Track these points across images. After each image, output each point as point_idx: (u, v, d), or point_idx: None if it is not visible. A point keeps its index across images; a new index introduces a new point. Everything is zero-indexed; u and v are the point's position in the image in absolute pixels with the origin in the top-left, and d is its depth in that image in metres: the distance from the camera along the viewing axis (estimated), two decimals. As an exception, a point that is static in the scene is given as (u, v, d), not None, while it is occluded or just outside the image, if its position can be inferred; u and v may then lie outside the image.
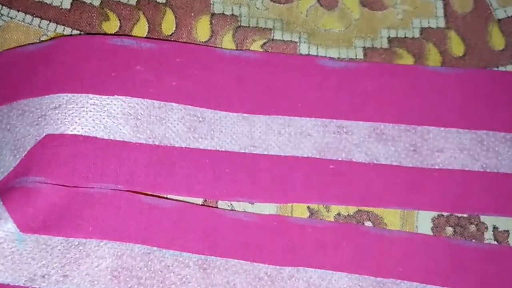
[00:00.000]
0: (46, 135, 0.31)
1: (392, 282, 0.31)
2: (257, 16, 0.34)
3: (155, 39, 0.33)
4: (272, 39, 0.34)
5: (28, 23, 0.34)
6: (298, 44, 0.34)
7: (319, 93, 0.33)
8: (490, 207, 0.32)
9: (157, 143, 0.32)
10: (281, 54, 0.33)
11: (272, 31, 0.34)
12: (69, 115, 0.31)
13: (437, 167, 0.32)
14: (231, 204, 0.32)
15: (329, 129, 0.33)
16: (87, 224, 0.30)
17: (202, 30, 0.34)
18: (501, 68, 0.34)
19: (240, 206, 0.32)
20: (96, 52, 0.32)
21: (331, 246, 0.31)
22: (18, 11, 0.34)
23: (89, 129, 0.31)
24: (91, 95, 0.31)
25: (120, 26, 0.34)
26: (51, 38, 0.33)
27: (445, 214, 0.32)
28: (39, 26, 0.34)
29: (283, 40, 0.34)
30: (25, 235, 0.30)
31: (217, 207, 0.32)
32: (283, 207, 0.32)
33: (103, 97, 0.31)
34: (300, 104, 0.33)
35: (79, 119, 0.31)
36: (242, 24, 0.34)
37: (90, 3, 0.34)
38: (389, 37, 0.34)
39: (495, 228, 0.32)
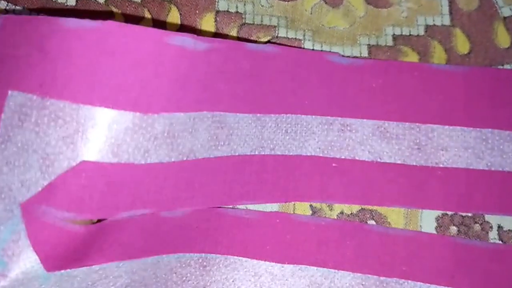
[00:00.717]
0: (81, 162, 0.27)
1: (395, 282, 0.31)
2: (261, 14, 0.34)
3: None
4: (277, 36, 0.34)
5: (33, 20, 0.34)
6: (302, 41, 0.34)
7: (325, 90, 0.33)
8: (495, 206, 0.32)
9: (184, 159, 0.29)
10: (290, 48, 0.33)
11: (277, 29, 0.34)
12: (109, 138, 0.27)
13: (441, 165, 0.32)
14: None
15: (333, 127, 0.33)
16: (110, 249, 0.29)
17: (206, 27, 0.34)
18: (507, 66, 0.33)
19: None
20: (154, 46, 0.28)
21: (334, 244, 0.31)
22: (24, 8, 0.34)
23: (127, 155, 0.27)
24: (137, 113, 0.27)
25: (125, 22, 0.34)
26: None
27: (449, 213, 0.32)
28: (44, 22, 0.34)
29: (288, 38, 0.34)
30: (50, 273, 0.27)
31: (219, 207, 0.32)
32: (285, 205, 0.32)
33: (146, 116, 0.27)
34: (307, 101, 0.33)
35: (119, 144, 0.27)
36: (246, 22, 0.34)
37: (95, 1, 0.34)
38: (393, 34, 0.34)
39: (500, 227, 0.32)
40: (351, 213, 0.32)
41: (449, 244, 0.31)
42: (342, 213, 0.32)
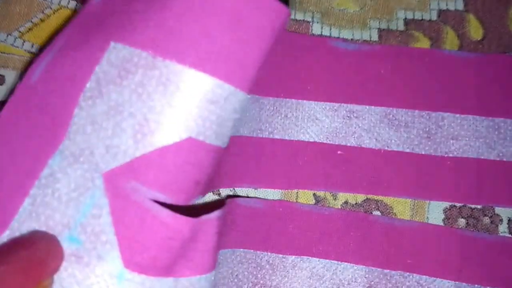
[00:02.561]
0: (188, 138, 0.23)
1: (400, 275, 0.30)
2: (268, -6, 0.33)
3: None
4: (283, 18, 0.33)
5: (31, -5, 0.33)
6: (310, 23, 0.32)
7: (330, 76, 0.32)
8: (506, 199, 0.30)
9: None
10: (293, 34, 0.32)
11: (283, 10, 0.33)
12: (219, 116, 0.24)
13: (451, 155, 0.31)
14: (234, 190, 0.31)
15: (339, 113, 0.31)
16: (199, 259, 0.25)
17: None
18: (522, 54, 0.32)
19: (243, 191, 0.31)
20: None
21: (337, 235, 0.30)
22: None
23: (223, 140, 0.25)
24: (248, 95, 0.25)
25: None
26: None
27: (458, 205, 0.31)
28: (42, -2, 0.33)
29: (296, 19, 0.32)
30: (128, 271, 0.23)
31: (219, 194, 0.31)
32: (288, 193, 0.31)
33: (249, 97, 0.26)
34: (310, 87, 0.31)
35: (222, 124, 0.25)
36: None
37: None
38: (405, 18, 0.33)
39: (510, 220, 0.30)
40: (356, 203, 0.31)
41: (456, 237, 0.30)
42: (346, 202, 0.31)
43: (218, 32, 0.23)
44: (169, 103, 0.23)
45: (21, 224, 0.23)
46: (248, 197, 0.31)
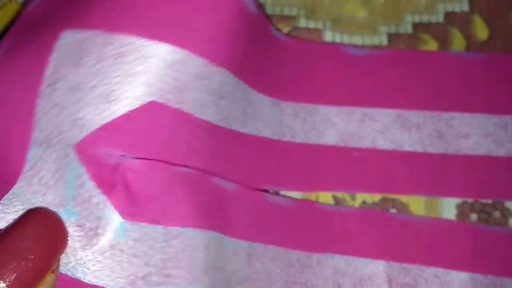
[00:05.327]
0: (150, 102, 0.24)
1: (417, 268, 0.32)
2: (281, 4, 0.34)
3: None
4: (297, 27, 0.34)
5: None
6: (322, 31, 0.34)
7: (343, 81, 0.33)
8: (515, 193, 0.32)
9: (221, 125, 0.28)
10: (306, 41, 0.33)
11: (297, 19, 0.34)
12: (177, 81, 0.25)
13: (461, 153, 0.32)
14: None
15: (353, 116, 0.33)
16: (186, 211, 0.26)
17: (226, 18, 0.34)
18: (527, 53, 0.33)
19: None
20: None
21: (357, 232, 0.32)
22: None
23: (188, 105, 0.26)
24: (206, 60, 0.26)
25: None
26: None
27: (470, 200, 0.32)
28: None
29: (308, 28, 0.34)
30: (127, 222, 0.24)
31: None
32: (308, 195, 0.33)
33: (213, 66, 0.26)
34: (325, 92, 0.33)
35: (183, 90, 0.25)
36: (267, 12, 0.34)
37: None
38: (413, 22, 0.34)
39: (519, 213, 0.32)
40: (373, 202, 0.32)
41: (469, 231, 0.32)
42: (364, 202, 0.33)
43: (165, 2, 0.25)
44: (128, 72, 0.24)
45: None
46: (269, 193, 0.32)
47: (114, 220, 0.23)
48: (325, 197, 0.33)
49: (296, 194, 0.33)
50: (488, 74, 0.33)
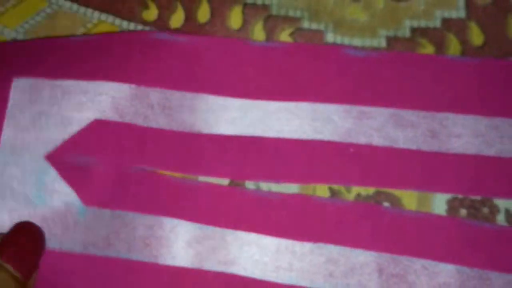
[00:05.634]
0: (94, 120, 0.34)
1: (406, 259, 0.33)
2: (286, 6, 0.36)
3: (188, 33, 0.36)
4: (300, 28, 0.36)
5: (74, 11, 0.36)
6: (324, 33, 0.36)
7: (342, 81, 0.35)
8: (503, 191, 0.34)
9: (187, 131, 0.35)
10: (307, 44, 0.35)
11: (301, 20, 0.36)
12: (112, 103, 0.34)
13: (453, 151, 0.34)
14: (258, 184, 0.34)
15: (351, 114, 0.35)
16: (129, 199, 0.34)
17: (235, 19, 0.36)
18: (519, 58, 0.35)
19: (266, 185, 0.35)
20: (138, 45, 0.35)
21: (351, 223, 0.34)
22: (65, 0, 0.36)
23: (130, 117, 0.35)
24: (132, 85, 0.35)
25: (158, 15, 0.36)
26: (95, 33, 0.37)
27: (460, 196, 0.34)
28: (84, 14, 0.36)
29: (311, 29, 0.36)
30: (87, 207, 0.34)
31: (244, 186, 0.35)
32: (306, 188, 0.34)
33: (143, 88, 0.35)
34: (324, 91, 0.35)
35: (122, 108, 0.34)
36: (272, 14, 0.36)
37: (132, -7, 0.36)
38: (411, 27, 0.36)
39: (507, 211, 0.34)
40: (367, 195, 0.34)
41: (458, 226, 0.33)
42: (359, 195, 0.34)
43: (94, 53, 0.36)
44: (74, 103, 0.34)
45: None
46: (259, 189, 0.35)
47: (76, 206, 0.33)
48: (322, 190, 0.34)
49: (293, 188, 0.34)
50: (481, 78, 0.35)
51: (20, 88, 0.35)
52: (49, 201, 0.33)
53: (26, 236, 0.31)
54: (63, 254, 0.33)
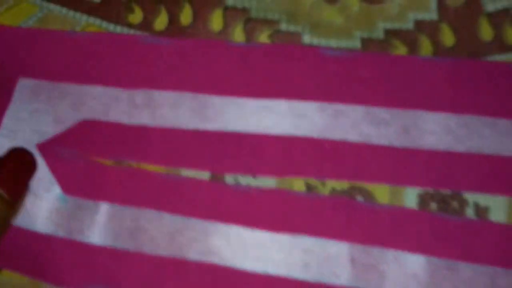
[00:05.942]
0: (83, 120, 0.37)
1: (378, 250, 0.34)
2: (265, 9, 0.38)
3: (172, 36, 0.38)
4: (279, 30, 0.38)
5: (64, 14, 0.38)
6: (302, 34, 0.37)
7: (319, 80, 0.37)
8: (472, 185, 0.35)
9: (169, 127, 0.37)
10: (286, 45, 0.37)
11: (279, 23, 0.38)
12: (101, 105, 0.38)
13: (424, 147, 0.35)
14: (237, 178, 0.36)
15: (327, 112, 0.36)
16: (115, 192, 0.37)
17: (216, 21, 0.38)
18: (489, 58, 0.36)
19: (244, 179, 0.36)
20: (124, 50, 0.38)
21: (325, 216, 0.35)
22: (56, 4, 0.38)
23: (116, 116, 0.38)
24: (119, 88, 0.38)
25: (143, 18, 0.38)
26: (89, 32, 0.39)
27: (431, 190, 0.35)
28: (73, 17, 0.38)
29: (288, 31, 0.38)
30: (67, 196, 0.37)
31: (224, 181, 0.36)
32: (283, 182, 0.36)
33: (128, 90, 0.38)
34: (301, 89, 0.36)
35: (108, 109, 0.38)
36: (251, 16, 0.38)
37: (119, -3, 0.38)
38: (385, 29, 0.37)
39: (476, 204, 0.35)
40: (342, 190, 0.36)
41: (429, 218, 0.35)
42: (334, 189, 0.36)
43: (86, 61, 0.39)
44: (67, 104, 0.38)
45: None
46: (238, 184, 0.36)
47: (57, 194, 0.37)
48: (298, 184, 0.36)
49: (271, 182, 0.36)
50: (452, 77, 0.36)
51: (24, 86, 0.39)
52: (35, 186, 0.37)
53: (16, 160, 0.33)
54: (49, 237, 0.37)
